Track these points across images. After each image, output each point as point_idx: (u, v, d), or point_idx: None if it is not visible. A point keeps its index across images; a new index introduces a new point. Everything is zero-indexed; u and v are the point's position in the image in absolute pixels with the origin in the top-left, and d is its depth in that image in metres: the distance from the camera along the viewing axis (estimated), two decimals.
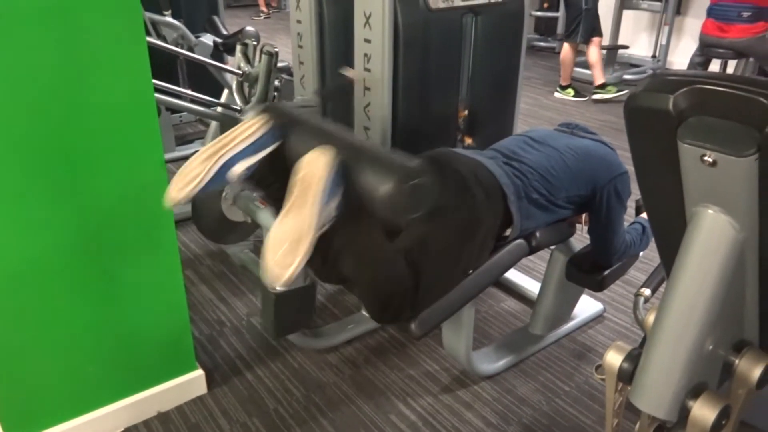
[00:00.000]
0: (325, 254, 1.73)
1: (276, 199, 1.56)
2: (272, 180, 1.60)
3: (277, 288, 1.85)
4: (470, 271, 1.82)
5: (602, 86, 5.31)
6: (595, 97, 5.35)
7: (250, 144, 1.51)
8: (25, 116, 1.53)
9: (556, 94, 5.46)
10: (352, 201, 1.48)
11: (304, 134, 1.58)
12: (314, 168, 1.40)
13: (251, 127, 1.52)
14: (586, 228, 2.09)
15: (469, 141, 2.46)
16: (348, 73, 2.18)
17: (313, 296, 2.10)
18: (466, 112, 2.46)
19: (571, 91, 5.37)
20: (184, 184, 1.45)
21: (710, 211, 1.16)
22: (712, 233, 1.17)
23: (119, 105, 1.65)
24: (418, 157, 1.61)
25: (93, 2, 1.52)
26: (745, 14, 4.25)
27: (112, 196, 1.72)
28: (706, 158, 1.08)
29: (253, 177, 1.56)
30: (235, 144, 1.50)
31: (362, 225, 1.58)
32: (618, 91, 5.26)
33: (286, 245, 1.32)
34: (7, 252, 1.61)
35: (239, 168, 1.50)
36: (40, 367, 1.77)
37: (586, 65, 5.67)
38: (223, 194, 2.50)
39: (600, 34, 5.29)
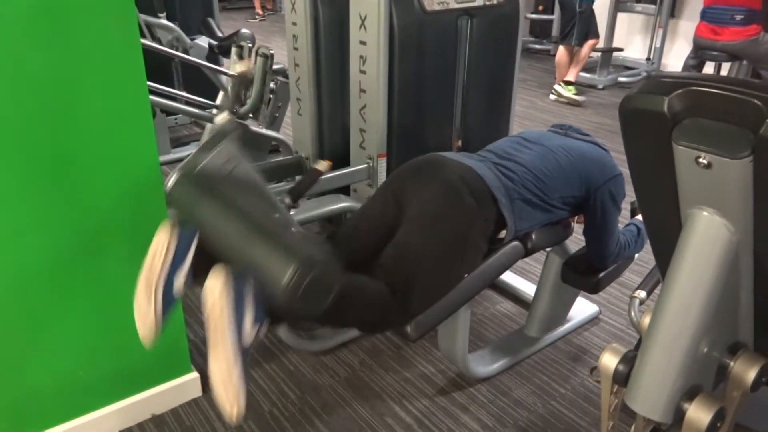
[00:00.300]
0: (294, 321, 1.72)
1: None
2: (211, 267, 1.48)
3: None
4: (465, 275, 1.82)
5: (568, 83, 5.34)
6: (556, 87, 5.39)
7: (172, 257, 1.44)
8: (18, 118, 1.52)
9: (552, 96, 5.47)
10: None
11: (211, 220, 1.48)
12: (212, 301, 1.34)
13: (164, 240, 1.43)
14: (581, 227, 2.09)
15: (458, 144, 2.47)
16: (319, 166, 2.15)
17: None
18: (461, 114, 2.46)
19: (572, 89, 5.36)
20: (144, 323, 1.44)
21: (705, 213, 1.17)
22: (707, 235, 1.17)
23: (113, 107, 1.64)
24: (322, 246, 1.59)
25: (86, 4, 1.51)
26: (738, 17, 4.26)
27: (106, 199, 1.71)
28: (700, 160, 1.09)
29: (196, 278, 1.49)
30: (161, 265, 1.43)
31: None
32: (575, 95, 5.30)
33: (222, 386, 1.32)
34: (0, 256, 1.60)
35: (179, 282, 1.46)
36: (33, 369, 1.76)
37: (586, 69, 5.70)
38: None
39: (596, 36, 5.31)
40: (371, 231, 1.85)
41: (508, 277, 2.72)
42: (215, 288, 1.34)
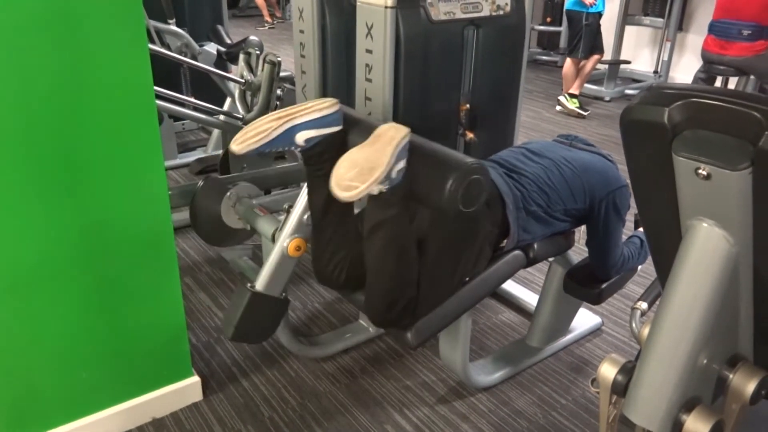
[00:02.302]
0: (335, 250, 1.75)
1: (320, 177, 1.67)
2: (325, 159, 1.69)
3: (257, 287, 1.86)
4: (467, 279, 1.82)
5: (572, 95, 5.35)
6: (560, 98, 5.42)
7: (318, 117, 1.65)
8: (25, 122, 1.54)
9: (558, 108, 5.48)
10: (401, 187, 1.59)
11: (364, 129, 1.70)
12: (393, 131, 1.57)
13: (323, 104, 1.66)
14: (584, 239, 2.09)
15: (470, 135, 2.48)
16: None
17: (282, 312, 2.10)
18: (467, 124, 2.47)
19: (576, 102, 5.37)
20: (251, 137, 1.60)
21: (705, 225, 1.17)
22: (707, 247, 1.18)
23: (120, 111, 1.66)
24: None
25: (95, 8, 1.53)
26: (746, 32, 4.25)
27: (111, 202, 1.72)
28: (700, 171, 1.09)
29: (311, 150, 1.69)
30: (305, 113, 1.63)
31: (395, 216, 1.64)
32: (579, 108, 5.31)
33: (359, 168, 1.45)
34: (5, 257, 1.62)
35: (303, 136, 1.64)
36: (34, 370, 1.77)
37: (593, 80, 5.71)
38: (225, 196, 2.51)
39: (601, 51, 5.32)
40: None
41: (511, 286, 2.72)
42: (399, 128, 1.62)
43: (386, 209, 1.61)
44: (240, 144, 1.63)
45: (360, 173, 1.46)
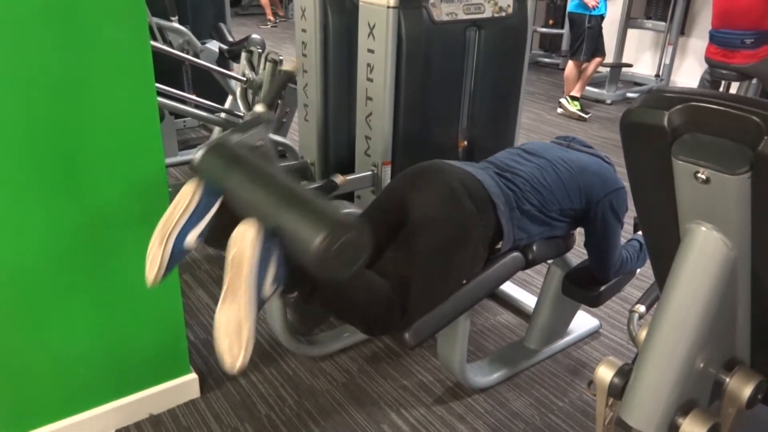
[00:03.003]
0: (301, 294, 1.74)
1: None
2: (227, 234, 1.49)
3: None
4: (464, 282, 1.82)
5: (573, 98, 5.36)
6: (562, 100, 5.43)
7: (192, 212, 1.48)
8: (26, 118, 1.54)
9: (559, 110, 5.48)
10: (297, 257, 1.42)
11: (238, 187, 1.49)
12: (242, 247, 1.35)
13: (188, 195, 1.47)
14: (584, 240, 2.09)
15: (462, 146, 2.48)
16: (337, 179, 2.23)
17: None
18: (467, 125, 2.47)
19: (577, 104, 5.38)
20: (152, 270, 1.44)
21: (703, 229, 1.17)
22: (705, 251, 1.18)
23: (121, 108, 1.66)
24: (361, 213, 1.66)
25: (97, 5, 1.54)
26: (748, 41, 4.22)
27: (110, 198, 1.72)
28: (699, 175, 1.09)
29: (209, 239, 1.53)
30: (179, 217, 1.46)
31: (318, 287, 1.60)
32: (580, 111, 5.31)
33: (229, 335, 1.30)
34: (4, 253, 1.62)
35: (191, 238, 1.48)
36: (31, 366, 1.77)
37: (594, 83, 5.71)
38: None
39: (602, 54, 5.33)
40: (372, 234, 1.86)
41: (509, 288, 2.72)
42: (248, 234, 1.35)
43: (303, 289, 1.59)
44: (150, 277, 1.46)
45: (232, 342, 1.31)
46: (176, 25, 3.84)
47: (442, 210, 1.77)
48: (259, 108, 1.90)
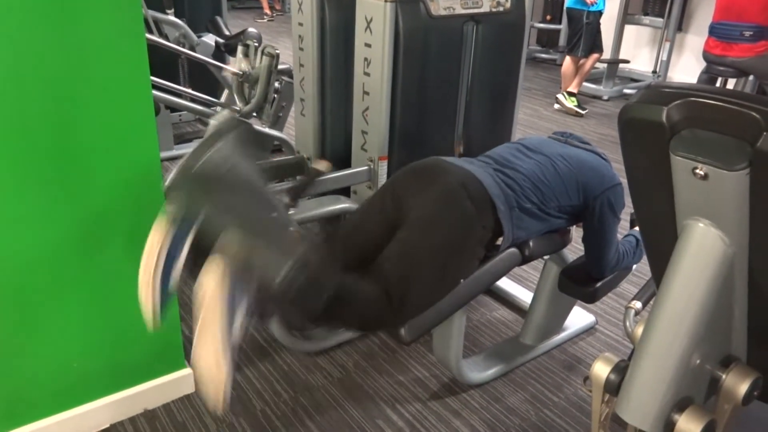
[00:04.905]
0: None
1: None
2: (205, 254, 1.49)
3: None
4: (461, 280, 1.82)
5: (571, 94, 5.36)
6: (559, 96, 5.42)
7: (169, 250, 1.46)
8: (20, 112, 1.52)
9: (556, 105, 5.48)
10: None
11: (211, 213, 1.50)
12: (208, 288, 1.35)
13: (158, 238, 1.45)
14: (581, 235, 2.09)
15: (459, 149, 2.47)
16: (319, 166, 2.22)
17: None
18: (464, 119, 2.47)
19: (574, 100, 5.38)
20: (148, 315, 1.45)
21: (701, 225, 1.16)
22: (702, 247, 1.17)
23: (116, 101, 1.64)
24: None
25: None
26: (747, 33, 4.25)
27: (105, 192, 1.71)
28: (697, 171, 1.09)
29: (192, 272, 1.50)
30: (157, 259, 1.44)
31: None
32: (577, 106, 5.31)
33: (207, 379, 1.33)
34: None
35: (176, 274, 1.47)
36: (27, 359, 1.76)
37: (591, 79, 5.70)
38: None
39: (600, 51, 5.32)
40: (369, 232, 1.85)
41: (505, 284, 2.72)
42: (211, 278, 1.35)
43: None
44: (150, 321, 1.45)
45: (211, 384, 1.33)
46: (172, 18, 3.82)
47: (440, 212, 1.76)
48: (220, 116, 1.90)
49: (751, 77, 4.54)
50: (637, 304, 1.72)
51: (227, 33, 3.99)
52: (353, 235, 1.90)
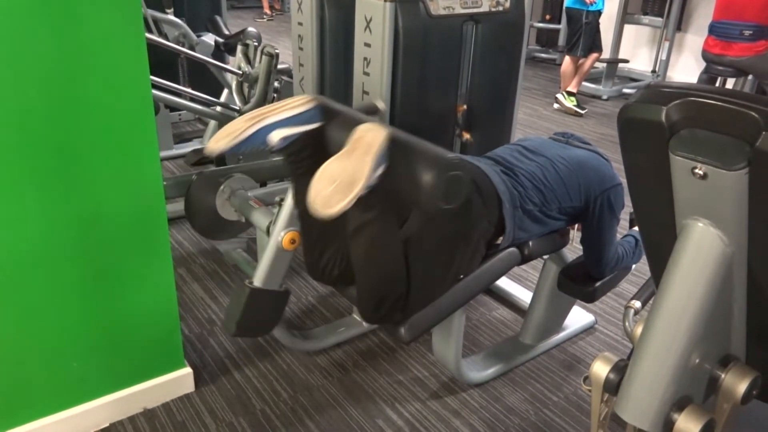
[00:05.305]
0: (324, 246, 1.74)
1: (303, 175, 1.62)
2: (304, 156, 1.66)
3: (255, 283, 1.86)
4: (461, 277, 1.82)
5: (570, 93, 5.36)
6: (558, 96, 5.42)
7: (294, 115, 1.60)
8: (19, 111, 1.52)
9: (555, 105, 5.48)
10: (383, 188, 1.54)
11: (344, 124, 1.65)
12: (373, 133, 1.50)
13: (299, 101, 1.61)
14: (579, 236, 2.09)
15: (467, 135, 2.47)
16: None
17: (283, 304, 2.11)
18: (464, 120, 2.47)
19: (573, 100, 5.38)
20: (222, 137, 1.54)
21: (700, 224, 1.17)
22: (701, 246, 1.18)
23: (116, 101, 1.64)
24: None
25: None
26: (747, 33, 4.25)
27: (105, 191, 1.71)
28: (696, 171, 1.09)
29: (288, 149, 1.64)
30: (281, 112, 1.58)
31: (378, 217, 1.61)
32: (576, 106, 5.31)
33: (337, 182, 1.39)
34: None
35: (277, 135, 1.58)
36: (25, 359, 1.76)
37: (591, 79, 5.71)
38: (220, 188, 2.50)
39: (599, 50, 5.32)
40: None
41: (505, 283, 2.72)
42: (378, 129, 1.53)
43: (366, 212, 1.59)
44: (214, 144, 1.59)
45: (339, 188, 1.40)
46: (172, 17, 3.81)
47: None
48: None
49: (750, 77, 4.54)
50: (637, 304, 1.72)
51: (227, 32, 3.99)
52: None
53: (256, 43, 3.19)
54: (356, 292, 1.75)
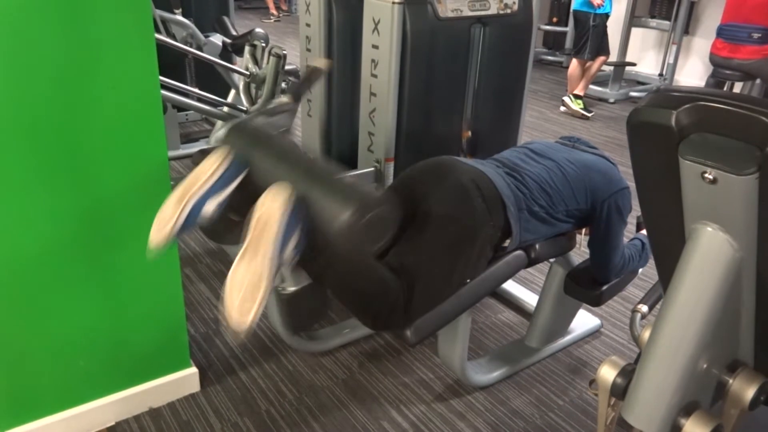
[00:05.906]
0: (311, 272, 1.72)
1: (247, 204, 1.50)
2: (246, 209, 1.49)
3: (287, 289, 1.85)
4: (468, 281, 1.82)
5: (577, 96, 5.34)
6: (565, 99, 5.41)
7: (216, 180, 1.48)
8: (29, 110, 1.53)
9: (562, 108, 5.47)
10: (319, 231, 1.42)
11: (265, 161, 1.54)
12: (270, 210, 1.35)
13: (215, 163, 1.48)
14: (586, 240, 2.09)
15: (466, 140, 2.47)
16: (318, 63, 2.25)
17: (323, 291, 2.08)
18: (471, 122, 2.47)
19: (580, 103, 5.37)
20: (160, 228, 1.42)
21: (709, 229, 1.16)
22: (710, 251, 1.17)
23: (125, 100, 1.65)
24: (393, 183, 1.65)
25: None
26: (756, 35, 4.24)
27: (112, 191, 1.72)
28: (706, 175, 1.08)
29: (226, 211, 1.51)
30: (202, 183, 1.46)
31: (330, 266, 1.59)
32: (583, 109, 5.30)
33: (242, 292, 1.28)
34: (5, 244, 1.61)
35: (210, 206, 1.46)
36: (31, 357, 1.77)
37: (597, 82, 5.69)
38: None
39: (606, 53, 5.31)
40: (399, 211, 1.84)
41: (511, 286, 2.72)
42: (279, 196, 1.36)
43: (315, 267, 1.57)
44: (155, 237, 1.44)
45: (246, 295, 1.28)
46: (180, 17, 3.82)
47: (453, 208, 1.76)
48: (284, 98, 1.93)
49: (757, 81, 4.52)
50: (644, 308, 1.71)
51: (234, 33, 4.00)
52: None
53: (263, 44, 3.20)
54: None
